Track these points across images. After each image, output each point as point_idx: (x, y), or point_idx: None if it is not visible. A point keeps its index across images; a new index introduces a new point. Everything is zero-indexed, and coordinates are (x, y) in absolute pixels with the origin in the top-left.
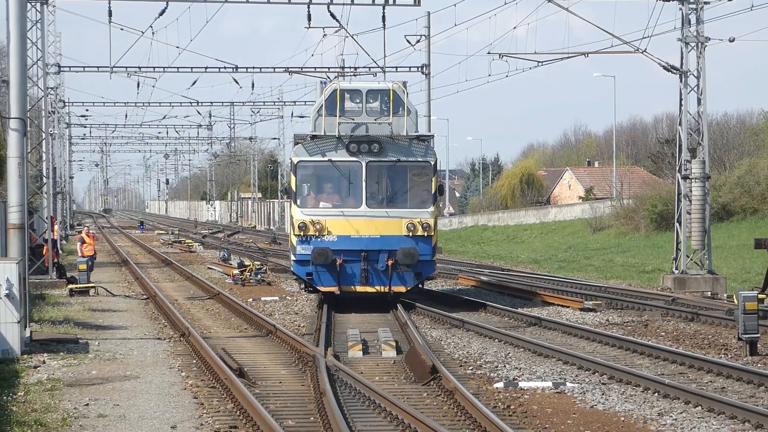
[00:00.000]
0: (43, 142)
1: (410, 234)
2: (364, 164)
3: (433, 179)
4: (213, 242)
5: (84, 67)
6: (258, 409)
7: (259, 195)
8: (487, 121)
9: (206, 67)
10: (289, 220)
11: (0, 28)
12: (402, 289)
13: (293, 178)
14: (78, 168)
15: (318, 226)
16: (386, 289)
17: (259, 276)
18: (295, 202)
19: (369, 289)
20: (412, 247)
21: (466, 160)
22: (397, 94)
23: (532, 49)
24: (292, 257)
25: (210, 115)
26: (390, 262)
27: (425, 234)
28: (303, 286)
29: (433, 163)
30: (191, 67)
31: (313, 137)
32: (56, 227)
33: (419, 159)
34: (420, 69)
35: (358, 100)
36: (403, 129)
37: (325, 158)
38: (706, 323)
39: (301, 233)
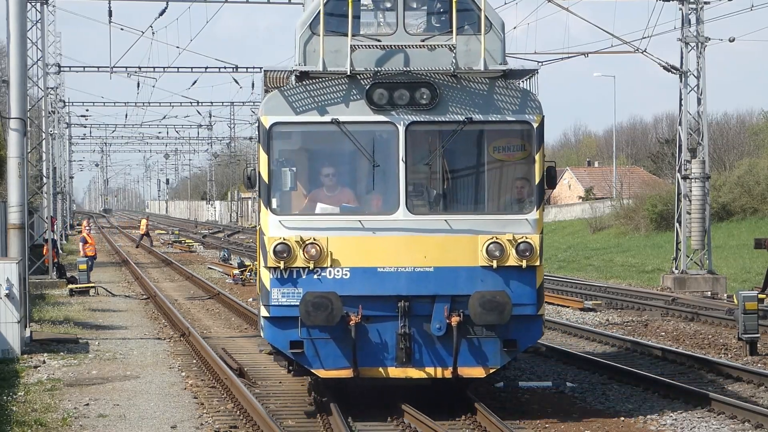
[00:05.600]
0: (43, 142)
1: (493, 264)
2: (401, 129)
3: (536, 157)
4: (213, 242)
5: (84, 67)
6: (258, 409)
7: None
8: None
9: (206, 67)
10: (258, 239)
11: (0, 28)
12: (479, 372)
13: (263, 156)
14: (78, 168)
15: (313, 251)
16: (448, 374)
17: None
18: (268, 204)
19: (414, 372)
20: (499, 291)
21: None
22: None
23: (531, 48)
24: (263, 311)
25: (210, 115)
26: (455, 321)
27: (522, 263)
28: (285, 363)
29: (536, 124)
30: (191, 67)
31: (302, 76)
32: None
33: (510, 117)
34: None
35: (388, 4)
36: (478, 59)
37: (326, 117)
38: (706, 323)
39: (280, 264)
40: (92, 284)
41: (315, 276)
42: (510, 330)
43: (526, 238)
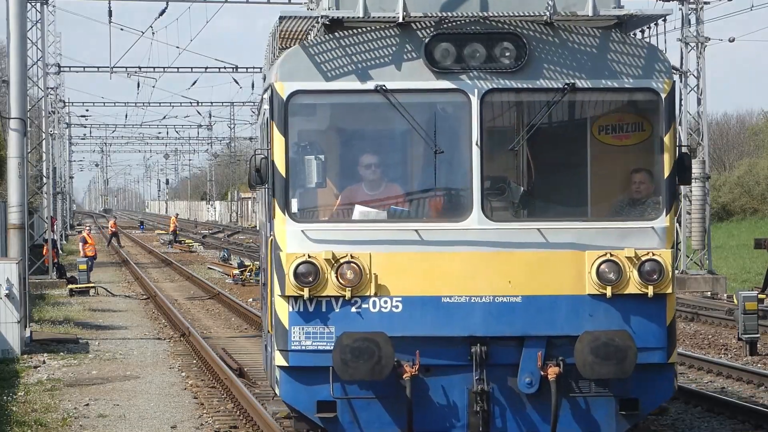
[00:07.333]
0: (43, 142)
1: (607, 292)
2: (475, 100)
3: (666, 140)
4: (213, 242)
5: (84, 67)
6: (258, 409)
7: None
8: None
9: (206, 67)
10: (270, 254)
11: (0, 28)
12: None
13: (279, 139)
14: (78, 168)
15: (350, 274)
16: None
17: (259, 276)
18: (285, 206)
19: None
20: (618, 331)
21: None
22: None
23: None
24: (278, 358)
25: (210, 115)
26: (553, 373)
27: (648, 290)
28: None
29: (665, 93)
30: (191, 67)
31: (334, 26)
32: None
33: (629, 84)
34: None
35: None
36: (583, 1)
37: (367, 84)
38: (706, 323)
39: (303, 293)
40: (92, 284)
41: (353, 309)
42: (629, 385)
43: (653, 254)
